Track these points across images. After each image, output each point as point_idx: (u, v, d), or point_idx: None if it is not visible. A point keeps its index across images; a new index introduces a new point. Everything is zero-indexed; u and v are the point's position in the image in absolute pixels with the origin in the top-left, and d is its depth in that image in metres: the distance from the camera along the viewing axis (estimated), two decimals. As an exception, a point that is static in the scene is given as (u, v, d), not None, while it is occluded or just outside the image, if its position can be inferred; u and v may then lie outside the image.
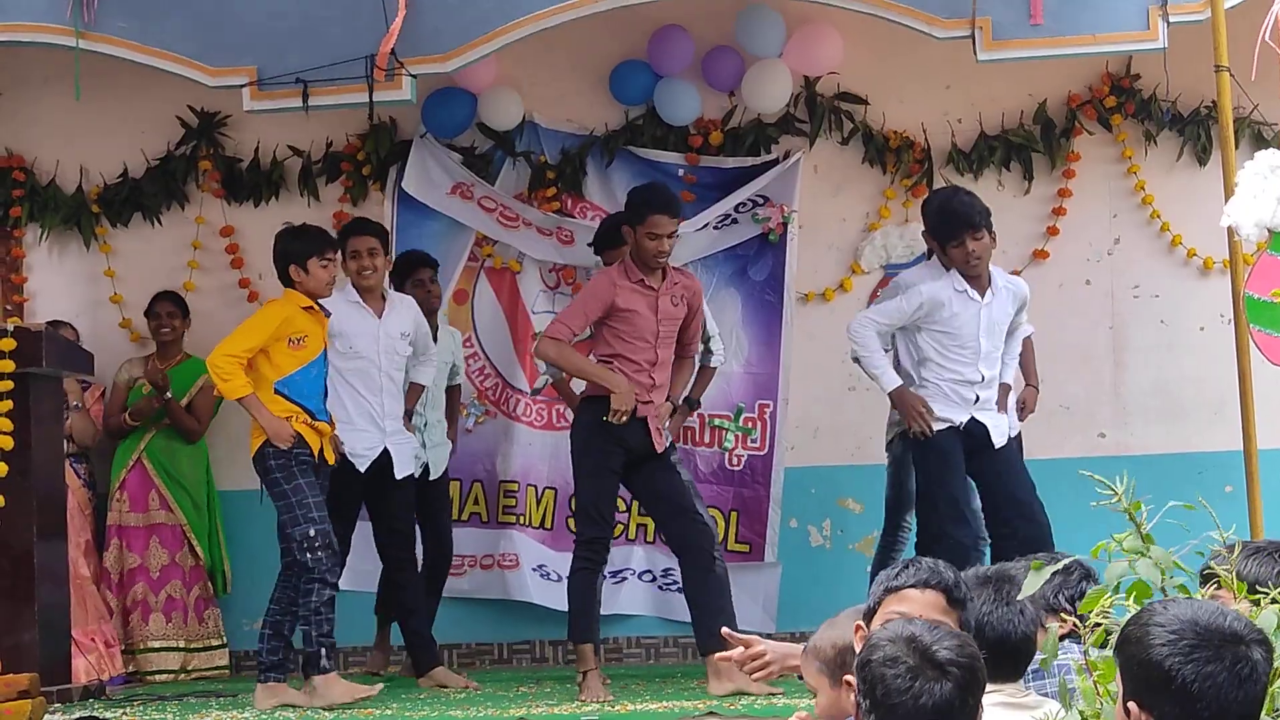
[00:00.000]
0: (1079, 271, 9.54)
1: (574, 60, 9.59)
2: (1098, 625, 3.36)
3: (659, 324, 7.92)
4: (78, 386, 9.25)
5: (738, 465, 9.64)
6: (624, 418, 7.76)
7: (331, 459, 7.81)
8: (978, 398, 8.04)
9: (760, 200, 9.54)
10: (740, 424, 9.62)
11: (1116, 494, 3.44)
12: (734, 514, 9.62)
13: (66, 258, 9.93)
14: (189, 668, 9.28)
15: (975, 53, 7.87)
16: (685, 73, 9.56)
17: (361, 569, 9.00)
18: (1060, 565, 3.61)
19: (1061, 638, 3.78)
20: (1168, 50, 7.87)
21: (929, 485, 8.09)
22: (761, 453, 9.61)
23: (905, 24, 7.92)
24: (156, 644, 9.27)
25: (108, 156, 9.86)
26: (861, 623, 3.91)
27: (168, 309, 9.46)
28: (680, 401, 8.29)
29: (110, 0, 8.06)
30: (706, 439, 9.64)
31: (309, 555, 7.57)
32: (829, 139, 9.66)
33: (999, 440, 8.07)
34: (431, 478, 8.82)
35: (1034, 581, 3.51)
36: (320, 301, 7.83)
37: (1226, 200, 6.93)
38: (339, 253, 8.04)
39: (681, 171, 9.67)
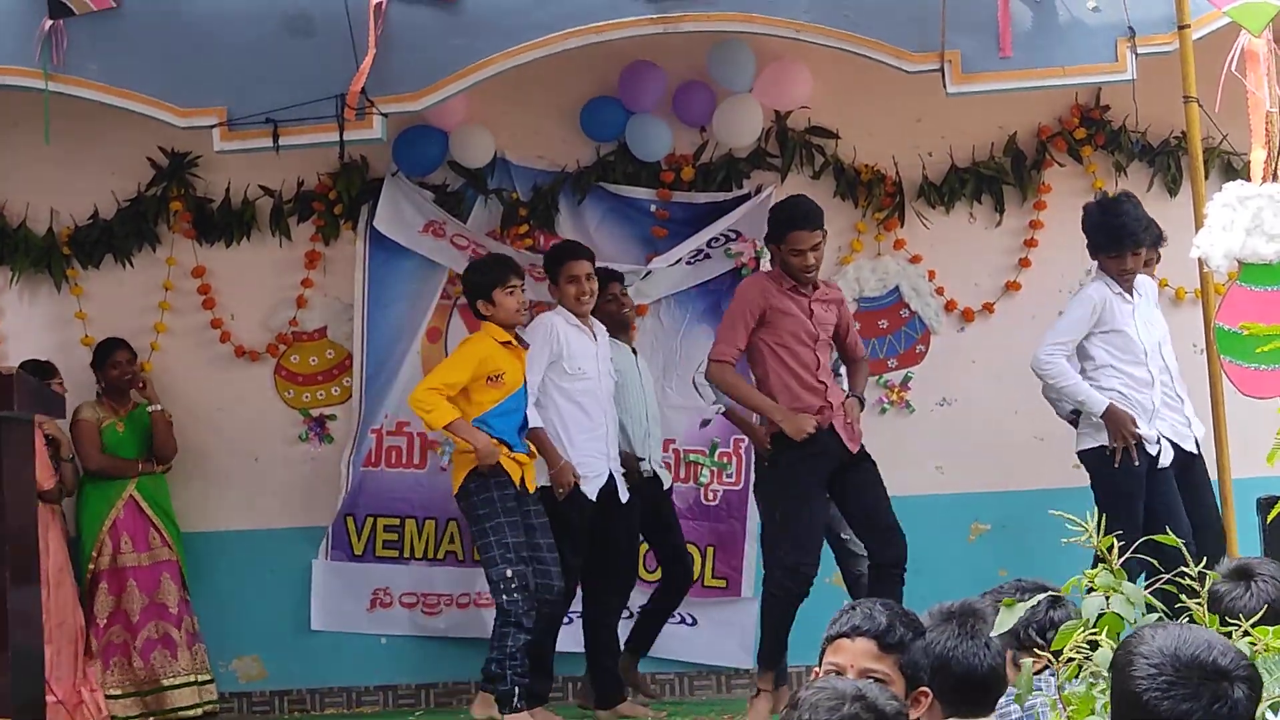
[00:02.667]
0: (1052, 302, 9.51)
1: (545, 97, 9.59)
2: (1071, 660, 3.34)
3: (816, 327, 8.04)
4: (67, 437, 9.22)
5: (713, 500, 9.63)
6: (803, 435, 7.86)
7: (532, 488, 7.93)
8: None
9: (732, 235, 9.54)
10: (715, 459, 9.61)
11: (1087, 530, 3.42)
12: (710, 549, 9.60)
13: (38, 300, 9.88)
14: (204, 700, 9.26)
15: (945, 86, 7.89)
16: (656, 108, 9.56)
17: None
18: (1033, 602, 3.59)
19: (1035, 672, 3.77)
20: (1136, 82, 7.90)
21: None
22: (737, 487, 9.60)
23: (875, 58, 7.93)
24: (181, 680, 9.23)
25: (78, 198, 9.82)
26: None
27: (126, 356, 9.44)
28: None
29: (79, 42, 8.03)
30: (682, 474, 9.62)
31: (504, 597, 7.68)
32: (800, 173, 9.67)
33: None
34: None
35: (1006, 619, 3.50)
36: (538, 323, 8.16)
37: (1197, 231, 6.94)
38: (523, 278, 8.16)
39: (654, 207, 9.67)
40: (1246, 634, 3.41)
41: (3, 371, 7.98)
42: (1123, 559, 3.41)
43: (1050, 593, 3.70)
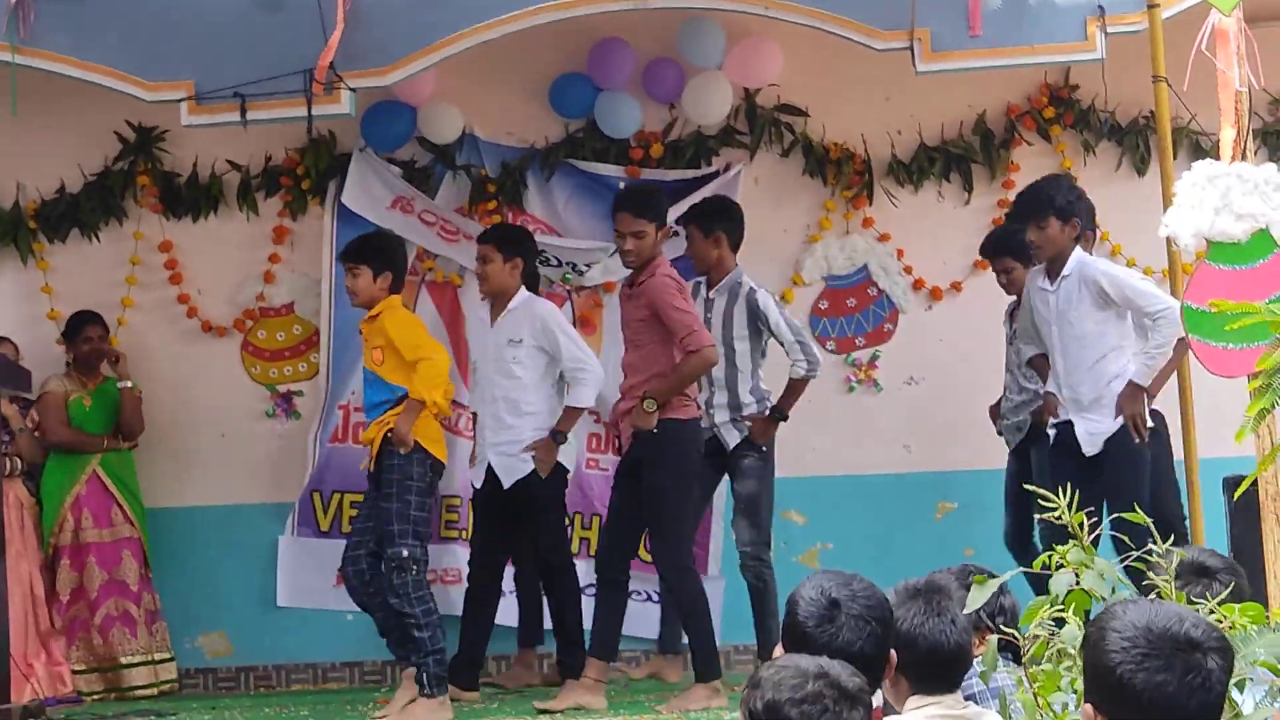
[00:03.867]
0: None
1: (514, 73, 9.57)
2: (1037, 637, 3.35)
3: (625, 324, 8.12)
4: (15, 410, 9.16)
5: (681, 478, 9.61)
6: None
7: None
8: None
9: (701, 212, 9.52)
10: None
11: (1060, 508, 3.43)
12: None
13: (3, 274, 9.83)
14: (161, 679, 9.24)
15: (914, 64, 7.88)
16: (626, 85, 9.55)
17: None
18: (1005, 578, 3.60)
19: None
20: (1106, 61, 7.90)
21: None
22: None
23: (844, 35, 7.92)
24: (138, 659, 9.21)
25: (45, 172, 9.77)
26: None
27: (98, 331, 9.39)
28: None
29: (47, 14, 7.98)
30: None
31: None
32: (769, 151, 9.67)
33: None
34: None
35: (977, 597, 3.51)
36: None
37: (1165, 210, 6.95)
38: (361, 265, 8.11)
39: (622, 184, 9.64)
40: (1212, 612, 3.43)
41: (-34, 346, 7.98)
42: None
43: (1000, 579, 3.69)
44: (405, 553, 7.73)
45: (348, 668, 9.61)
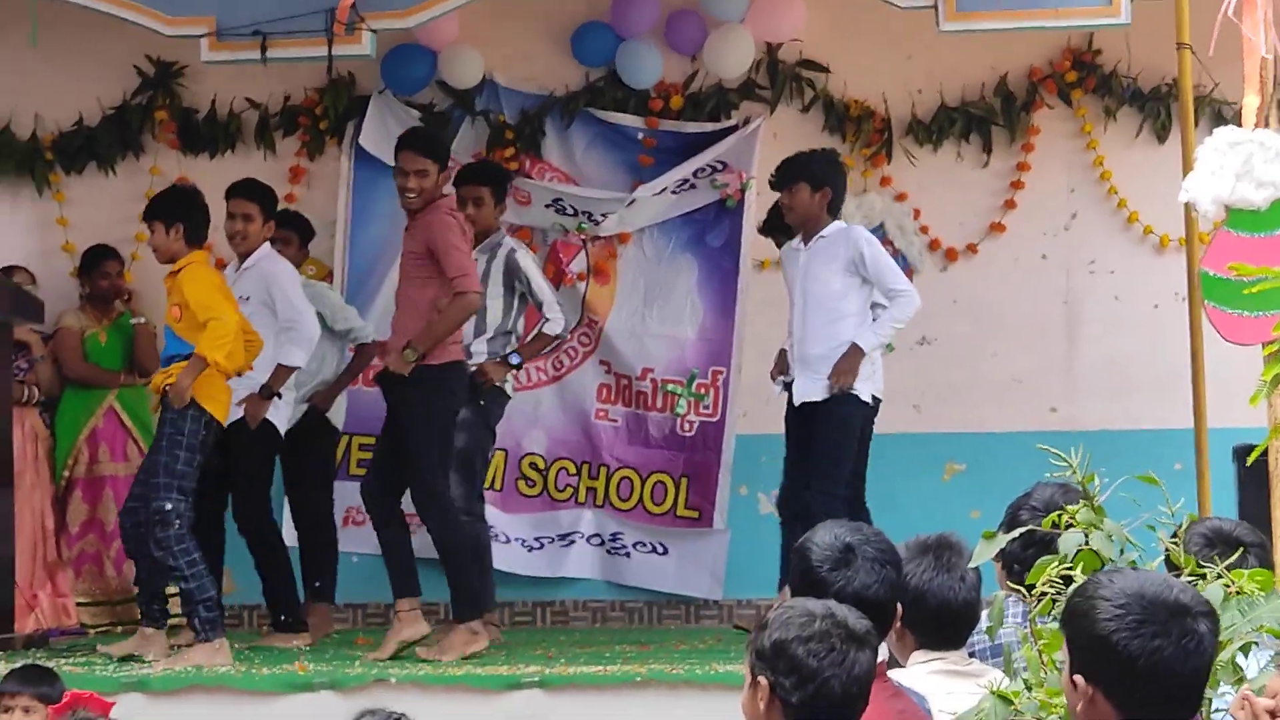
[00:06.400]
0: (1035, 245, 9.54)
1: (536, 19, 9.55)
2: (1044, 595, 3.35)
3: (402, 259, 7.97)
4: (37, 337, 9.16)
5: (689, 431, 9.64)
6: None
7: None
8: None
9: (719, 166, 9.52)
10: (693, 390, 9.62)
11: (1071, 466, 3.43)
12: (684, 479, 9.62)
13: (19, 205, 9.83)
14: (172, 613, 9.26)
15: (938, 23, 7.84)
16: (648, 35, 9.52)
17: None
18: (1016, 534, 3.61)
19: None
20: (1130, 26, 7.86)
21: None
22: (714, 419, 9.61)
23: (868, -8, 7.90)
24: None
25: (63, 104, 9.76)
26: None
27: (115, 266, 9.39)
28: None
29: (69, -54, 7.98)
30: (659, 404, 9.63)
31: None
32: (790, 106, 9.65)
33: None
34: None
35: (985, 550, 3.51)
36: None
37: (1185, 177, 6.93)
38: (153, 221, 7.94)
39: (641, 135, 9.64)
40: (1220, 576, 3.42)
41: (-20, 275, 7.98)
42: None
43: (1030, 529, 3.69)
44: (169, 506, 7.57)
45: (351, 609, 9.60)
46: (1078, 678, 2.96)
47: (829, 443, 7.95)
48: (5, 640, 7.81)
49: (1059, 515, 3.42)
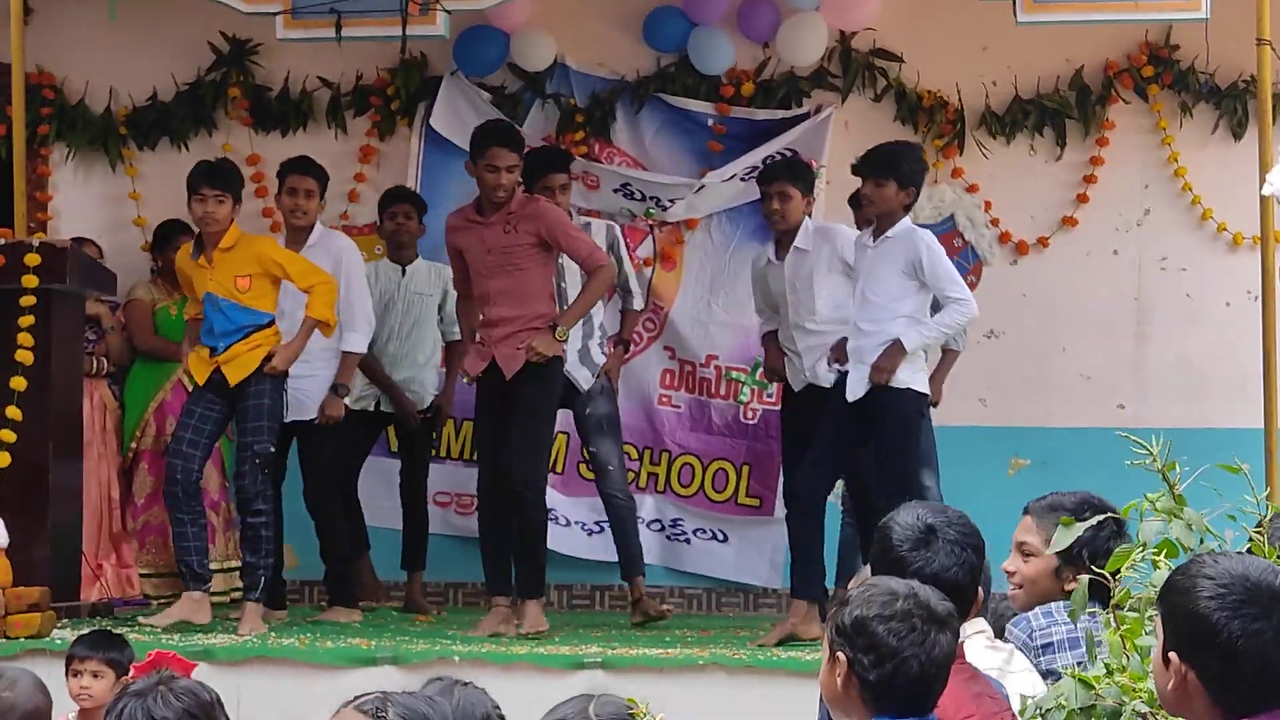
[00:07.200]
0: (1107, 241, 9.49)
1: (609, 4, 9.56)
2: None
3: (492, 255, 7.88)
4: (107, 309, 9.21)
5: (752, 419, 9.64)
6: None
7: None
8: None
9: (789, 154, 9.50)
10: (757, 378, 9.60)
11: (1152, 454, 3.41)
12: (745, 467, 9.62)
13: (92, 178, 9.91)
14: (232, 587, 9.31)
15: (1015, 15, 7.84)
16: (720, 21, 9.51)
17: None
18: (1093, 521, 3.59)
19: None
20: (1209, 21, 7.82)
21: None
22: (776, 407, 9.57)
23: (946, -19, 7.88)
24: (214, 566, 9.23)
25: (138, 79, 9.82)
26: None
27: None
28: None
29: (147, -79, 8.03)
30: (722, 391, 9.63)
31: None
32: (861, 95, 9.62)
33: None
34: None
35: (1064, 536, 3.50)
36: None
37: (1261, 175, 6.90)
38: (211, 189, 7.94)
39: (711, 121, 9.64)
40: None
41: (56, 245, 8.03)
42: None
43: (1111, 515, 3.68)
44: (272, 449, 7.97)
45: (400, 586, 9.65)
46: (1172, 655, 2.92)
47: (895, 438, 7.79)
48: (70, 608, 7.86)
49: (1137, 504, 3.40)
